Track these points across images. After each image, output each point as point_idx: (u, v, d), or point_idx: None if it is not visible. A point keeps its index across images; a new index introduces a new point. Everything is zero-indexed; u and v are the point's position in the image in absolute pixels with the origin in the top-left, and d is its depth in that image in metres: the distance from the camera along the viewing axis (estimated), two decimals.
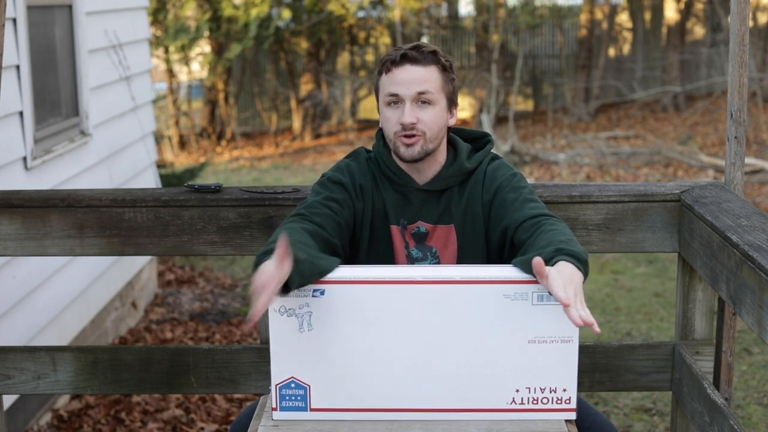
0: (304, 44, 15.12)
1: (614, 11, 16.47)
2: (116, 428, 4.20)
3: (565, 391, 2.03)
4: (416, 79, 2.27)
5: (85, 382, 2.94)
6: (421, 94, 2.27)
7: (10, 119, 4.08)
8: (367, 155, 2.42)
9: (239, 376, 2.92)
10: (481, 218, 2.33)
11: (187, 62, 14.43)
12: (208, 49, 14.82)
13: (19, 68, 4.15)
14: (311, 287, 1.98)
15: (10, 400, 3.86)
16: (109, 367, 2.93)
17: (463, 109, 15.21)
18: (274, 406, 2.05)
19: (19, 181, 4.12)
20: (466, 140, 2.44)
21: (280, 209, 2.80)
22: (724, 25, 14.97)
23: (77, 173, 4.83)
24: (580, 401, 2.35)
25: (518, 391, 2.02)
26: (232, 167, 12.61)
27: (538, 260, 1.86)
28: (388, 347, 2.00)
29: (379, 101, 2.35)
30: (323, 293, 1.98)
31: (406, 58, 2.28)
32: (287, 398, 2.04)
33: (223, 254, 2.89)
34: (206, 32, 14.04)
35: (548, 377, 2.01)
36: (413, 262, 2.35)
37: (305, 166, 12.55)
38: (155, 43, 13.41)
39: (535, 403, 2.03)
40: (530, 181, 7.97)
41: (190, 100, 14.98)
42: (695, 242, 2.64)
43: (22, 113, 4.18)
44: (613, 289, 6.52)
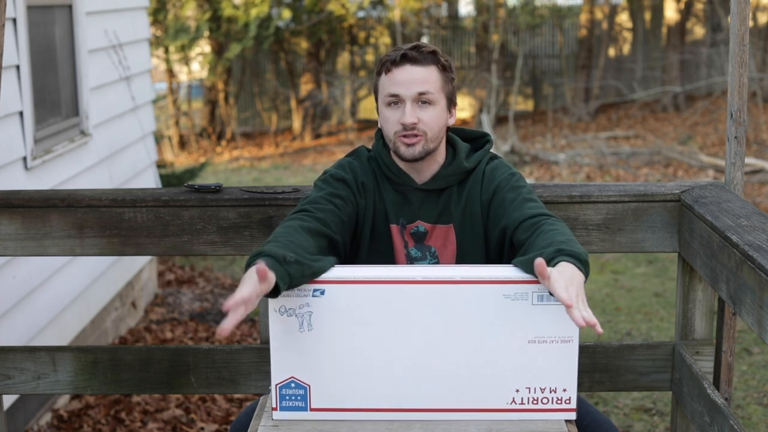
0: (304, 44, 15.12)
1: (614, 11, 16.47)
2: (116, 428, 4.20)
3: (565, 391, 2.03)
4: (416, 79, 2.27)
5: (85, 382, 2.94)
6: (421, 94, 2.27)
7: (10, 119, 4.08)
8: (368, 154, 2.42)
9: (239, 376, 2.92)
10: (480, 218, 2.33)
11: (187, 62, 14.43)
12: (208, 49, 14.82)
13: (19, 68, 4.15)
14: (311, 287, 1.98)
15: (10, 400, 3.86)
16: (109, 367, 2.92)
17: (463, 109, 15.21)
18: (274, 406, 2.05)
19: (19, 181, 4.12)
20: (465, 140, 2.44)
21: (280, 209, 2.80)
22: (724, 25, 14.97)
23: (77, 173, 4.83)
24: (579, 400, 2.35)
25: (518, 391, 2.02)
26: (232, 167, 12.61)
27: (540, 261, 1.86)
28: (388, 347, 2.00)
29: (378, 101, 2.35)
30: (323, 293, 1.98)
31: (406, 58, 2.28)
32: (287, 398, 2.04)
33: (223, 254, 2.88)
34: (206, 32, 14.04)
35: (548, 377, 2.01)
36: (412, 261, 2.35)
37: (305, 166, 12.55)
38: (155, 43, 13.41)
39: (535, 403, 2.03)
40: (530, 181, 7.97)
41: (190, 100, 14.98)
42: (695, 242, 2.64)
43: (22, 113, 4.18)
44: (613, 289, 6.52)
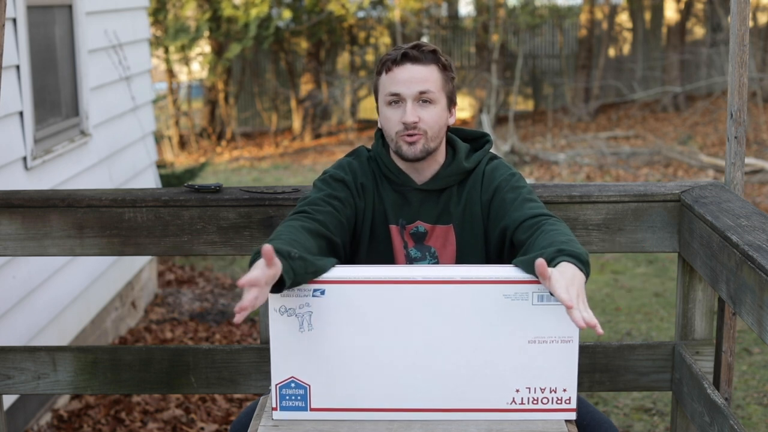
0: (304, 44, 15.12)
1: (614, 11, 16.47)
2: (116, 428, 4.20)
3: (565, 391, 2.03)
4: (417, 78, 2.27)
5: (85, 382, 2.94)
6: (422, 93, 2.27)
7: (10, 119, 4.08)
8: (367, 154, 2.41)
9: (239, 376, 2.92)
10: (479, 218, 2.33)
11: (187, 62, 14.43)
12: (208, 49, 14.81)
13: (19, 68, 4.15)
14: (311, 287, 1.98)
15: (10, 400, 3.86)
16: (109, 367, 2.92)
17: (463, 109, 15.21)
18: (274, 405, 2.05)
19: (19, 181, 4.12)
20: (464, 140, 2.44)
21: (280, 209, 2.80)
22: (724, 25, 14.97)
23: (77, 173, 4.83)
24: (579, 400, 2.35)
25: (518, 391, 2.02)
26: (232, 167, 12.61)
27: (541, 261, 1.86)
28: (388, 347, 2.00)
29: (378, 101, 2.35)
30: (323, 293, 1.98)
31: (406, 57, 2.28)
32: (287, 398, 2.04)
33: (223, 254, 2.88)
34: (206, 32, 14.04)
35: (548, 377, 2.01)
36: (412, 261, 2.35)
37: (305, 166, 12.55)
38: (155, 43, 13.41)
39: (535, 403, 2.03)
40: (530, 181, 7.97)
41: (190, 100, 14.98)
42: (695, 242, 2.64)
43: (22, 113, 4.18)
44: (613, 289, 6.52)
